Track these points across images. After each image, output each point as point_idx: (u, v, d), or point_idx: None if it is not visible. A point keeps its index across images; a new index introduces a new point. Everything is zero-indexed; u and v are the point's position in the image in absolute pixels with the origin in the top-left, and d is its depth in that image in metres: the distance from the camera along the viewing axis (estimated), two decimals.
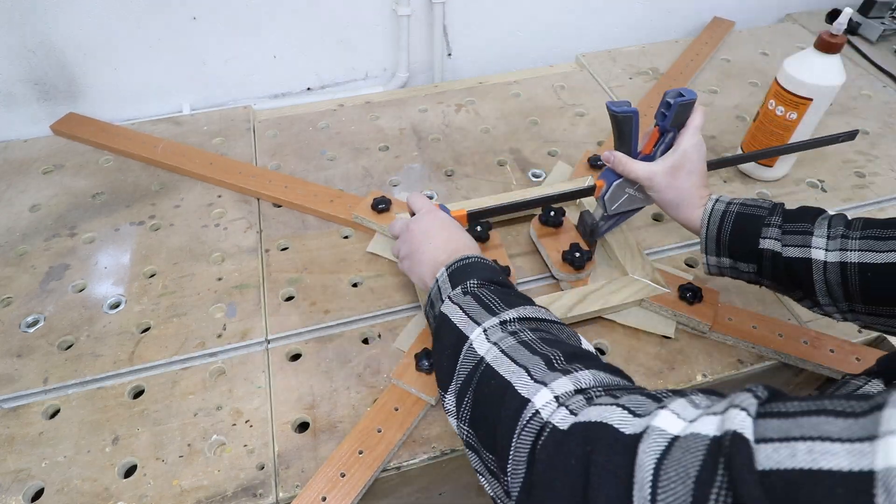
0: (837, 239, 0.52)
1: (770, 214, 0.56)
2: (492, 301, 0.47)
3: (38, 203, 0.84)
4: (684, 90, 0.60)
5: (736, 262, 0.58)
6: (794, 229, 0.54)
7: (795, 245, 0.53)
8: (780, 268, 0.55)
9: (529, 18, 1.14)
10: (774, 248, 0.54)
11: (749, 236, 0.56)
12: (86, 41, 0.93)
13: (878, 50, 1.15)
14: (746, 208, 0.57)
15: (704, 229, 0.59)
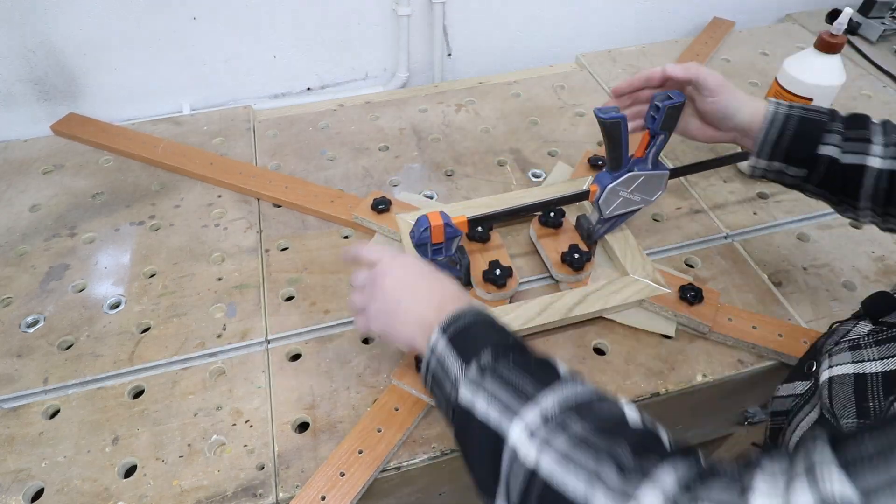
0: (892, 146, 0.54)
1: (831, 120, 0.56)
2: (519, 381, 0.39)
3: (38, 203, 0.84)
4: (673, 93, 0.60)
5: (788, 166, 0.58)
6: (856, 136, 0.55)
7: (854, 152, 0.55)
8: (833, 173, 0.56)
9: (529, 18, 1.14)
10: (833, 154, 0.55)
11: (810, 141, 0.56)
12: (86, 41, 0.93)
13: (879, 50, 1.15)
14: (808, 113, 0.57)
15: (764, 132, 0.58)
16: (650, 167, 0.66)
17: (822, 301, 0.72)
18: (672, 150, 0.92)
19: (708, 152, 0.92)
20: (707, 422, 0.80)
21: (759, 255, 0.77)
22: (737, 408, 0.77)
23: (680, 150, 0.92)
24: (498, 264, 0.70)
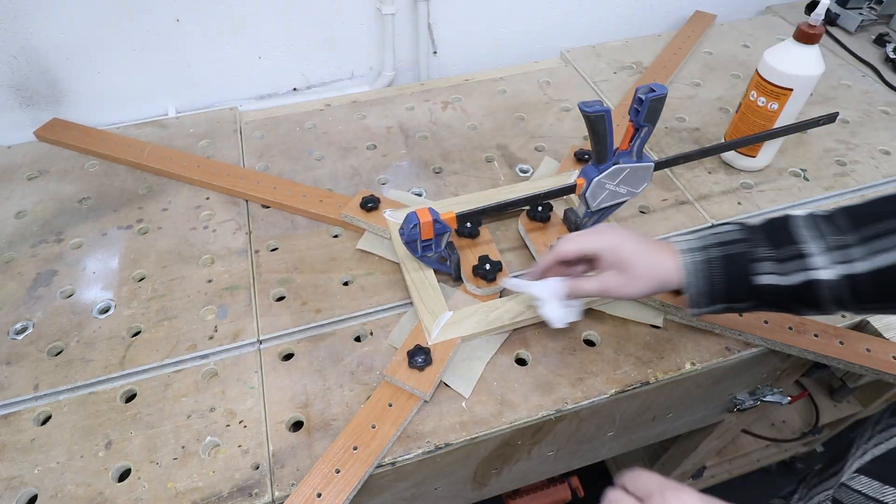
0: (835, 251, 0.47)
1: (753, 245, 0.50)
2: None
3: (23, 209, 0.83)
4: (656, 85, 0.61)
5: (731, 304, 0.53)
6: (788, 255, 0.49)
7: (796, 271, 0.48)
8: (783, 296, 0.50)
9: (513, 15, 1.15)
10: (775, 282, 0.49)
11: (743, 279, 0.50)
12: (68, 45, 0.92)
13: (857, 40, 1.17)
14: (727, 247, 0.51)
15: (692, 288, 0.52)
16: (635, 159, 0.67)
17: None
18: (657, 142, 0.94)
19: (692, 144, 0.93)
20: (697, 409, 0.81)
21: None
22: (726, 394, 0.79)
23: (664, 143, 0.94)
24: (487, 259, 0.71)
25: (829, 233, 0.48)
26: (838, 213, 0.50)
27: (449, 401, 0.62)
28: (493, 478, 0.73)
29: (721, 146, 0.82)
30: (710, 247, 0.52)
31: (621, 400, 0.65)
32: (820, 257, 0.48)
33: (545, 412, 0.61)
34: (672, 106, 1.00)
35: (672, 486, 0.42)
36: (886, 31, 1.16)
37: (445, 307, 0.67)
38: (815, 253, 0.48)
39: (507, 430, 0.61)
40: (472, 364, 0.64)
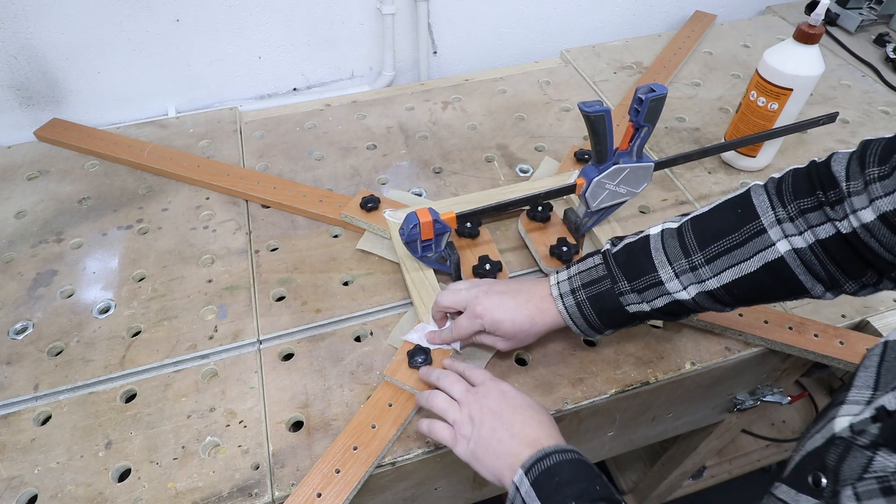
0: (686, 273, 0.52)
1: (613, 281, 0.54)
2: None
3: (23, 209, 0.83)
4: (656, 85, 0.61)
5: (617, 328, 0.58)
6: (645, 284, 0.53)
7: (657, 297, 0.53)
8: (658, 314, 0.55)
9: (514, 15, 1.15)
10: (644, 308, 0.54)
11: (616, 310, 0.55)
12: (68, 45, 0.92)
13: (857, 40, 1.17)
14: (592, 288, 0.55)
15: (575, 328, 0.57)
16: (635, 159, 0.67)
17: None
18: (657, 142, 0.94)
19: (692, 144, 0.93)
20: (697, 409, 0.81)
21: None
22: (726, 394, 0.79)
23: (664, 143, 0.94)
24: (487, 259, 0.71)
25: (677, 256, 0.52)
26: (686, 227, 0.53)
27: None
28: None
29: (721, 146, 0.82)
30: (577, 290, 0.56)
31: (621, 400, 0.65)
32: (673, 282, 0.52)
33: None
34: (672, 106, 1.00)
35: (497, 380, 0.55)
36: (886, 31, 1.17)
37: None
38: (667, 279, 0.52)
39: None
40: (472, 364, 0.64)
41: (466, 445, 0.52)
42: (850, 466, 0.37)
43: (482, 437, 0.51)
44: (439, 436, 0.54)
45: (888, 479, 0.34)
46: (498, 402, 0.52)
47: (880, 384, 0.39)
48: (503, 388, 0.54)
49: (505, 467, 0.49)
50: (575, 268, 0.58)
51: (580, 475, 0.46)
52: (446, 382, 0.56)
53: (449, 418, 0.54)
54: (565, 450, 0.48)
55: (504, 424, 0.50)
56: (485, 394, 0.53)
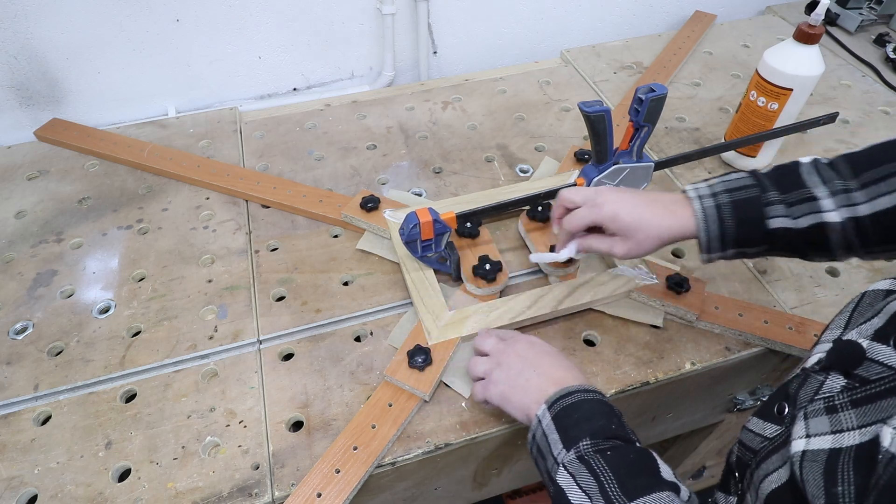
0: (840, 194, 0.50)
1: (763, 190, 0.53)
2: (609, 482, 0.42)
3: (23, 209, 0.83)
4: (656, 85, 0.61)
5: (744, 249, 0.55)
6: (798, 198, 0.52)
7: (805, 214, 0.51)
8: (794, 239, 0.53)
9: (514, 15, 1.15)
10: (786, 225, 0.52)
11: (756, 223, 0.53)
12: (68, 46, 0.92)
13: (857, 40, 1.17)
14: (736, 193, 0.54)
15: (705, 233, 0.54)
16: (635, 159, 0.67)
17: (806, 287, 0.73)
18: (657, 142, 0.94)
19: (692, 144, 0.93)
20: (697, 409, 0.81)
21: None
22: (726, 394, 0.79)
23: (664, 143, 0.94)
24: (487, 259, 0.71)
25: (832, 178, 0.51)
26: (839, 160, 0.52)
27: (449, 401, 0.62)
28: (493, 478, 0.72)
29: (721, 146, 0.82)
30: (720, 193, 0.54)
31: (621, 400, 0.65)
32: (826, 200, 0.50)
33: None
34: (672, 106, 1.00)
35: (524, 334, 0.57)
36: (886, 31, 1.16)
37: (445, 307, 0.67)
38: (822, 196, 0.51)
39: (507, 430, 0.61)
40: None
41: (496, 389, 0.54)
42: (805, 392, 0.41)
43: (510, 377, 0.53)
44: (475, 394, 0.57)
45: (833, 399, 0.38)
46: (525, 349, 0.55)
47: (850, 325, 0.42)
48: (531, 339, 0.57)
49: (532, 402, 0.51)
50: (716, 178, 0.56)
51: (599, 414, 0.48)
52: (480, 340, 0.60)
53: (481, 372, 0.56)
54: (588, 390, 0.50)
55: (531, 365, 0.53)
56: (514, 343, 0.56)
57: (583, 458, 0.45)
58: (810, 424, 0.38)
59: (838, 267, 0.75)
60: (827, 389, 0.39)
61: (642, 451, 0.45)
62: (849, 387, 0.38)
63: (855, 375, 0.38)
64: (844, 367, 0.39)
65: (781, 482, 0.39)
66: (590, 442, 0.46)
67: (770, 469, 0.41)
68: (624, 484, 0.42)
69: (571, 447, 0.46)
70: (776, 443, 0.42)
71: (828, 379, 0.40)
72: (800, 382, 0.42)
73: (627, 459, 0.44)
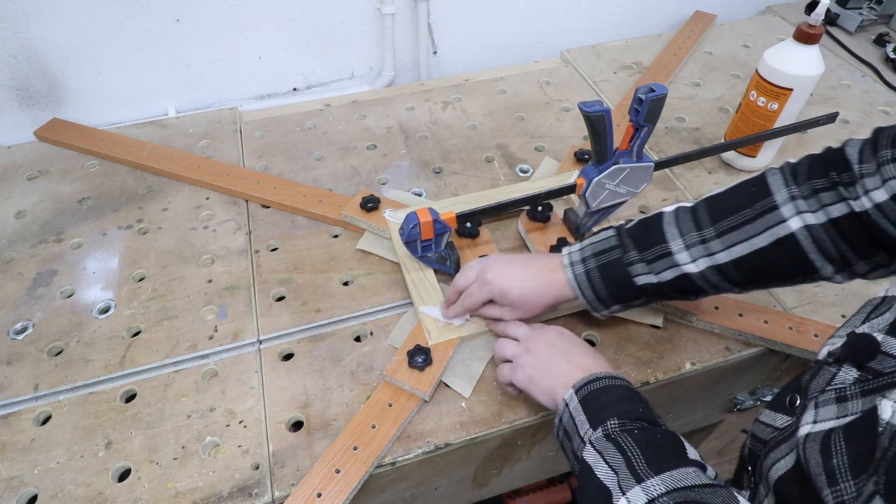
0: (696, 246, 0.52)
1: (624, 251, 0.55)
2: (636, 458, 0.43)
3: (23, 209, 0.83)
4: (656, 85, 0.61)
5: (626, 303, 0.58)
6: (656, 255, 0.54)
7: (667, 269, 0.53)
8: (663, 290, 0.55)
9: (514, 15, 1.15)
10: (651, 281, 0.54)
11: (623, 281, 0.55)
12: (68, 45, 0.92)
13: (857, 40, 1.17)
14: (602, 257, 0.56)
15: (582, 298, 0.58)
16: (635, 159, 0.67)
17: (806, 288, 0.73)
18: (657, 142, 0.94)
19: (692, 144, 0.93)
20: (697, 409, 0.81)
21: None
22: (726, 394, 0.79)
23: (664, 143, 0.94)
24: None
25: (689, 229, 0.53)
26: (700, 205, 0.54)
27: (449, 401, 0.62)
28: (493, 478, 0.72)
29: (721, 146, 0.82)
30: (588, 258, 0.57)
31: None
32: (682, 254, 0.53)
33: (545, 412, 0.61)
34: (672, 106, 1.00)
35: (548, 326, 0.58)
36: (886, 31, 1.16)
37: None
38: (677, 250, 0.53)
39: (507, 430, 0.61)
40: (472, 364, 0.64)
41: (523, 373, 0.55)
42: (818, 383, 0.42)
43: (539, 363, 0.55)
44: (501, 375, 0.58)
45: (844, 390, 0.38)
46: (555, 338, 0.56)
47: (867, 321, 0.42)
48: (560, 329, 0.58)
49: (559, 386, 0.52)
50: (588, 240, 0.59)
51: (626, 398, 0.49)
52: (511, 327, 0.60)
53: (509, 354, 0.58)
54: (615, 377, 0.51)
55: (560, 352, 0.55)
56: (544, 332, 0.57)
57: (610, 437, 0.45)
58: (819, 412, 0.39)
59: None
60: (839, 381, 0.40)
61: (669, 433, 0.46)
62: (861, 378, 0.38)
63: (868, 368, 0.38)
64: (858, 360, 0.39)
65: (788, 468, 0.40)
66: (617, 422, 0.46)
67: (778, 457, 0.42)
68: (650, 460, 0.42)
69: (598, 426, 0.47)
70: (786, 433, 0.43)
71: (840, 370, 0.40)
72: (812, 374, 0.43)
73: (654, 439, 0.45)
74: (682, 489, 0.40)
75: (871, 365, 0.38)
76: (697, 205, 0.54)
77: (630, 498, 0.40)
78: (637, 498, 0.40)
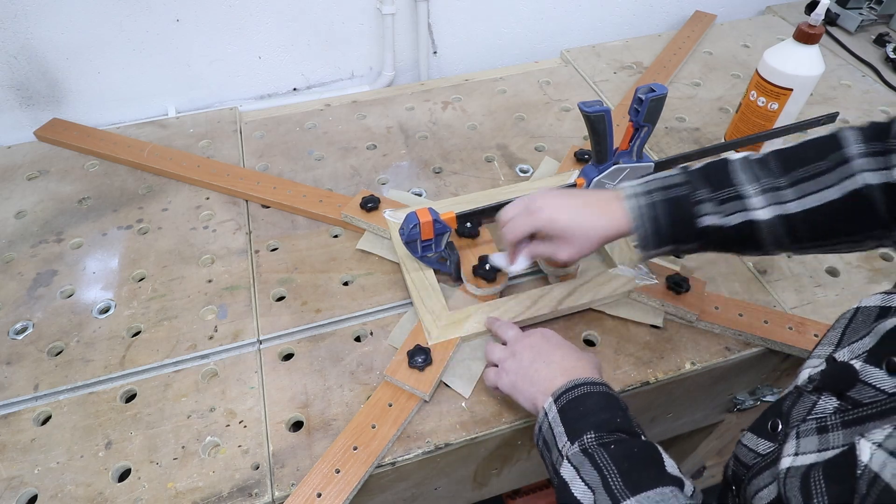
0: (769, 192, 0.50)
1: (693, 189, 0.52)
2: (612, 476, 0.42)
3: (23, 209, 0.83)
4: (656, 85, 0.61)
5: (678, 245, 0.55)
6: (727, 195, 0.51)
7: (735, 212, 0.51)
8: (725, 236, 0.52)
9: (514, 15, 1.15)
10: (717, 223, 0.52)
11: (687, 220, 0.52)
12: (68, 46, 0.92)
13: (857, 40, 1.17)
14: (669, 191, 0.53)
15: (639, 231, 0.54)
16: (635, 159, 0.67)
17: (806, 287, 0.73)
18: (657, 142, 0.94)
19: (692, 144, 0.93)
20: (697, 409, 0.81)
21: None
22: (726, 394, 0.79)
23: (664, 143, 0.94)
24: (487, 259, 0.71)
25: (762, 175, 0.51)
26: (771, 156, 0.52)
27: (449, 401, 0.62)
28: (493, 478, 0.72)
29: (721, 146, 0.82)
30: (653, 191, 0.54)
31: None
32: (756, 198, 0.51)
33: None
34: (672, 106, 1.00)
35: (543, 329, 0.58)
36: (886, 31, 1.16)
37: (445, 307, 0.67)
38: (751, 194, 0.51)
39: (507, 430, 0.61)
40: (472, 364, 0.64)
41: (507, 378, 0.56)
42: (798, 411, 0.41)
43: (522, 367, 0.55)
44: (487, 378, 0.59)
45: (825, 420, 0.38)
46: (539, 341, 0.56)
47: (843, 342, 0.42)
48: (546, 332, 0.58)
49: (539, 392, 0.52)
50: (649, 176, 0.56)
51: (604, 407, 0.48)
52: (502, 328, 0.61)
53: (495, 359, 0.58)
54: (595, 382, 0.50)
55: (542, 357, 0.54)
56: (529, 335, 0.58)
57: (586, 451, 0.45)
58: (801, 443, 0.38)
59: (838, 267, 0.76)
60: (819, 410, 0.39)
61: (646, 445, 0.45)
62: (841, 408, 0.38)
63: (847, 397, 0.38)
64: (838, 389, 0.39)
65: (771, 498, 0.39)
66: (594, 435, 0.46)
67: (761, 485, 0.41)
68: (627, 477, 0.42)
69: (575, 440, 0.46)
70: (768, 459, 0.42)
71: (820, 399, 0.40)
72: (793, 401, 0.42)
73: (631, 453, 0.44)
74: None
75: (851, 394, 0.37)
76: (767, 156, 0.53)
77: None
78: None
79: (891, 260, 0.77)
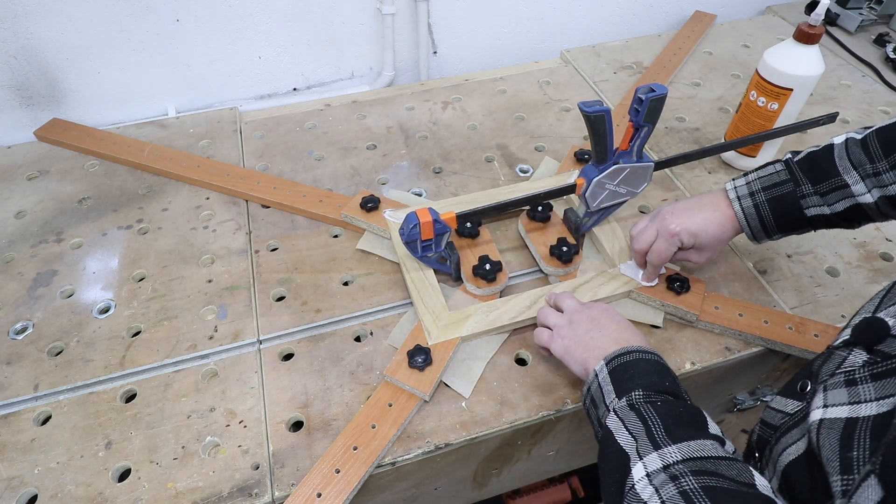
0: (871, 178, 0.55)
1: (797, 184, 0.58)
2: (656, 427, 0.44)
3: (23, 209, 0.83)
4: (656, 85, 0.61)
5: (789, 233, 0.62)
6: (830, 187, 0.57)
7: (840, 200, 0.57)
8: (833, 220, 0.59)
9: (514, 15, 1.15)
10: (823, 212, 0.58)
11: (794, 215, 0.59)
12: (68, 46, 0.92)
13: (857, 40, 1.17)
14: (773, 191, 0.60)
15: (749, 227, 0.62)
16: (635, 159, 0.67)
17: (806, 287, 0.73)
18: (657, 142, 0.94)
19: (692, 144, 0.93)
20: None
21: (745, 245, 0.78)
22: (726, 394, 0.79)
23: (664, 143, 0.94)
24: (487, 259, 0.71)
25: (863, 161, 0.56)
26: (871, 137, 0.56)
27: (449, 401, 0.62)
28: (493, 478, 0.72)
29: (721, 146, 0.82)
30: (756, 192, 0.61)
31: None
32: (858, 186, 0.56)
33: (545, 412, 0.61)
34: (672, 106, 1.00)
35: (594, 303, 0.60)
36: (886, 31, 1.16)
37: (445, 307, 0.67)
38: (853, 182, 0.56)
39: (507, 430, 0.61)
40: (472, 364, 0.64)
41: (561, 342, 0.58)
42: (828, 367, 0.43)
43: (577, 334, 0.57)
44: (539, 337, 0.61)
45: (854, 373, 0.39)
46: (599, 313, 0.58)
47: (881, 307, 0.43)
48: (605, 306, 0.60)
49: (592, 357, 0.54)
50: (754, 174, 0.62)
51: (653, 371, 0.50)
52: (562, 298, 0.62)
53: (550, 323, 0.60)
54: (647, 351, 0.52)
55: (598, 327, 0.57)
56: (589, 307, 0.60)
57: (633, 406, 0.47)
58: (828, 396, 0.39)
59: (838, 267, 0.76)
60: (849, 364, 0.41)
61: (693, 407, 0.47)
62: (870, 361, 0.39)
63: (877, 351, 0.39)
64: (868, 343, 0.40)
65: (799, 453, 0.41)
66: (642, 393, 0.47)
67: (789, 442, 0.42)
68: (670, 430, 0.43)
69: (623, 396, 0.48)
70: (796, 418, 0.43)
71: (851, 354, 0.41)
72: (823, 359, 0.44)
73: (676, 411, 0.46)
74: (698, 459, 0.40)
75: (881, 348, 0.39)
76: (868, 136, 0.56)
77: (646, 463, 0.41)
78: (653, 463, 0.41)
79: (891, 260, 0.77)
